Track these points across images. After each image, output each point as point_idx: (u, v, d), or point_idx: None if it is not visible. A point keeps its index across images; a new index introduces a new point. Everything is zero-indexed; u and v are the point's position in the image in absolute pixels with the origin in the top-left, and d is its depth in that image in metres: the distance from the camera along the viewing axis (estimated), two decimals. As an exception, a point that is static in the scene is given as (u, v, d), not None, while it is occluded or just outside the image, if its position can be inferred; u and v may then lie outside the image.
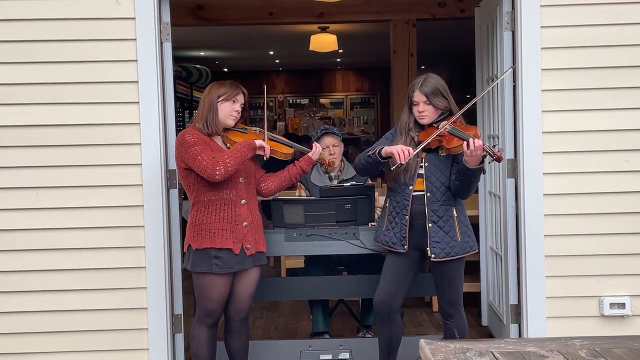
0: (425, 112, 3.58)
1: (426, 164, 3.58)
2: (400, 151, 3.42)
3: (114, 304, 3.90)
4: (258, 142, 3.53)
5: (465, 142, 3.36)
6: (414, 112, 3.62)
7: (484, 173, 3.54)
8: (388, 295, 3.68)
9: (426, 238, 3.57)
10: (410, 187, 3.58)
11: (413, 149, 3.50)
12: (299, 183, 4.65)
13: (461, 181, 3.48)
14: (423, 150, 3.57)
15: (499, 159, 3.37)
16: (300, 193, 4.69)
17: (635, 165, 3.88)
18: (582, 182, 3.90)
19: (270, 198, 4.07)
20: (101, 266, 3.89)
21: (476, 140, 3.34)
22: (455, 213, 3.58)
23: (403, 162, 3.42)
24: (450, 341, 2.28)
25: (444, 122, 3.54)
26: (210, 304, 3.56)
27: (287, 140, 3.82)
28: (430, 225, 3.56)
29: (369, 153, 3.62)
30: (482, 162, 3.41)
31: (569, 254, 3.93)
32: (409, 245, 3.60)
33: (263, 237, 3.68)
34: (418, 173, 3.59)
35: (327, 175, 4.63)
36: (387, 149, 3.51)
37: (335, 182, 4.58)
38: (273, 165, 3.90)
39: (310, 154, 3.74)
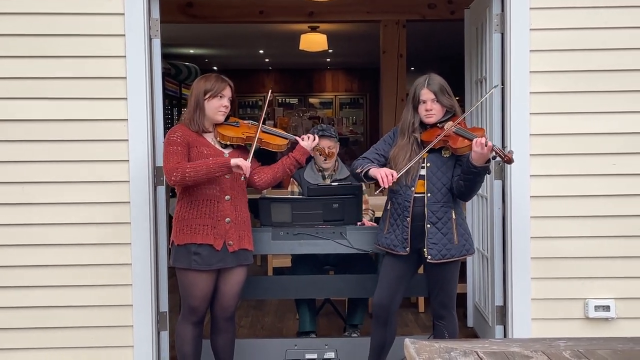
0: (432, 110, 3.54)
1: (428, 165, 3.56)
2: (384, 175, 3.45)
3: (99, 300, 3.88)
4: (234, 162, 3.41)
5: (474, 141, 3.33)
6: (421, 111, 3.59)
7: (488, 173, 3.52)
8: (387, 298, 3.66)
9: (424, 239, 3.55)
10: (412, 189, 3.55)
11: (416, 153, 3.52)
12: (292, 179, 4.65)
13: (465, 180, 3.45)
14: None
15: (509, 161, 3.35)
16: (293, 188, 4.67)
17: (622, 169, 3.90)
18: (569, 185, 3.92)
19: (258, 196, 4.06)
20: (86, 262, 3.87)
21: (484, 138, 3.31)
22: (453, 215, 3.56)
23: (386, 187, 3.45)
24: (435, 341, 2.28)
25: (450, 123, 3.53)
26: (193, 300, 3.55)
27: (281, 132, 3.80)
28: (428, 226, 3.53)
29: (357, 170, 3.64)
30: (489, 161, 3.40)
31: (554, 256, 3.94)
32: (410, 248, 3.60)
33: (249, 235, 3.66)
34: (419, 174, 3.58)
35: (320, 174, 4.62)
36: (373, 171, 3.53)
37: (328, 182, 4.57)
38: (267, 156, 3.88)
39: (302, 144, 3.71)
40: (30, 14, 3.80)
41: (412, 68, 10.23)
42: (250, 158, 3.46)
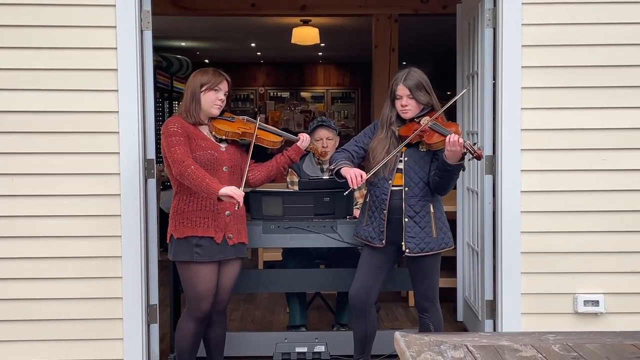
0: (408, 106, 3.58)
1: (405, 159, 3.59)
2: (353, 176, 3.47)
3: (88, 293, 3.87)
4: (223, 192, 3.30)
5: (447, 139, 3.36)
6: (397, 106, 3.62)
7: (463, 170, 3.55)
8: (363, 289, 3.69)
9: (402, 233, 3.58)
10: (389, 182, 3.58)
11: (394, 146, 3.53)
12: (290, 169, 4.65)
13: (440, 177, 3.49)
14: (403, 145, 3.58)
15: (478, 157, 3.39)
16: (292, 178, 4.67)
17: (612, 164, 3.91)
18: (559, 180, 3.93)
19: (248, 190, 4.06)
20: (77, 255, 3.86)
21: (456, 135, 3.34)
22: (432, 209, 3.59)
23: (355, 187, 3.47)
24: (425, 334, 2.28)
25: (426, 118, 3.54)
26: (197, 294, 3.52)
27: (277, 129, 3.81)
28: (406, 220, 3.56)
29: (331, 166, 3.67)
30: (462, 158, 3.42)
31: (544, 251, 3.95)
32: (386, 240, 3.61)
33: (246, 229, 3.68)
34: (397, 168, 3.60)
35: (319, 167, 4.62)
36: (344, 171, 3.54)
37: (326, 175, 4.58)
38: (259, 154, 3.89)
39: (298, 143, 3.73)
40: (21, 4, 3.77)
41: (404, 62, 10.21)
42: (248, 163, 3.52)
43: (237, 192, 3.34)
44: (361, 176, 3.49)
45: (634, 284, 3.96)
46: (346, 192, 3.55)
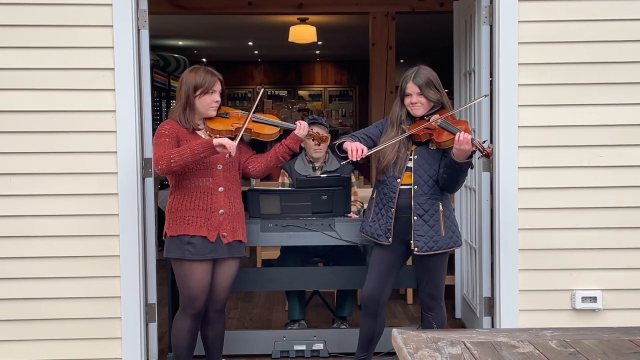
0: (418, 103, 3.56)
1: (415, 157, 3.58)
2: (354, 149, 3.46)
3: (87, 292, 3.88)
4: (217, 141, 3.34)
5: (456, 137, 3.35)
6: (407, 104, 3.61)
7: (471, 168, 3.54)
8: (376, 290, 3.67)
9: (411, 231, 3.56)
10: (398, 180, 3.57)
11: (404, 144, 3.56)
12: (282, 170, 4.64)
13: (449, 175, 3.47)
14: (413, 143, 3.58)
15: (488, 155, 3.37)
16: (284, 180, 4.66)
17: (609, 161, 3.92)
18: (557, 177, 3.94)
19: (246, 189, 4.06)
20: (75, 254, 3.86)
21: (466, 134, 3.33)
22: (441, 208, 3.58)
23: (353, 160, 3.46)
24: (422, 331, 2.29)
25: (436, 116, 3.54)
26: (191, 291, 3.52)
27: (273, 120, 3.75)
28: (415, 218, 3.55)
29: (337, 143, 3.66)
30: (471, 156, 3.41)
31: (542, 248, 3.96)
32: (393, 238, 3.59)
33: (243, 227, 3.65)
34: (407, 166, 3.58)
35: (310, 165, 4.61)
36: (346, 144, 3.55)
37: (318, 173, 4.57)
38: (258, 144, 3.86)
39: (295, 131, 3.67)
40: (17, 4, 3.77)
41: (402, 60, 10.23)
42: (236, 144, 3.41)
43: (228, 142, 3.34)
44: (362, 150, 3.47)
45: (631, 280, 3.97)
46: (344, 162, 3.58)
